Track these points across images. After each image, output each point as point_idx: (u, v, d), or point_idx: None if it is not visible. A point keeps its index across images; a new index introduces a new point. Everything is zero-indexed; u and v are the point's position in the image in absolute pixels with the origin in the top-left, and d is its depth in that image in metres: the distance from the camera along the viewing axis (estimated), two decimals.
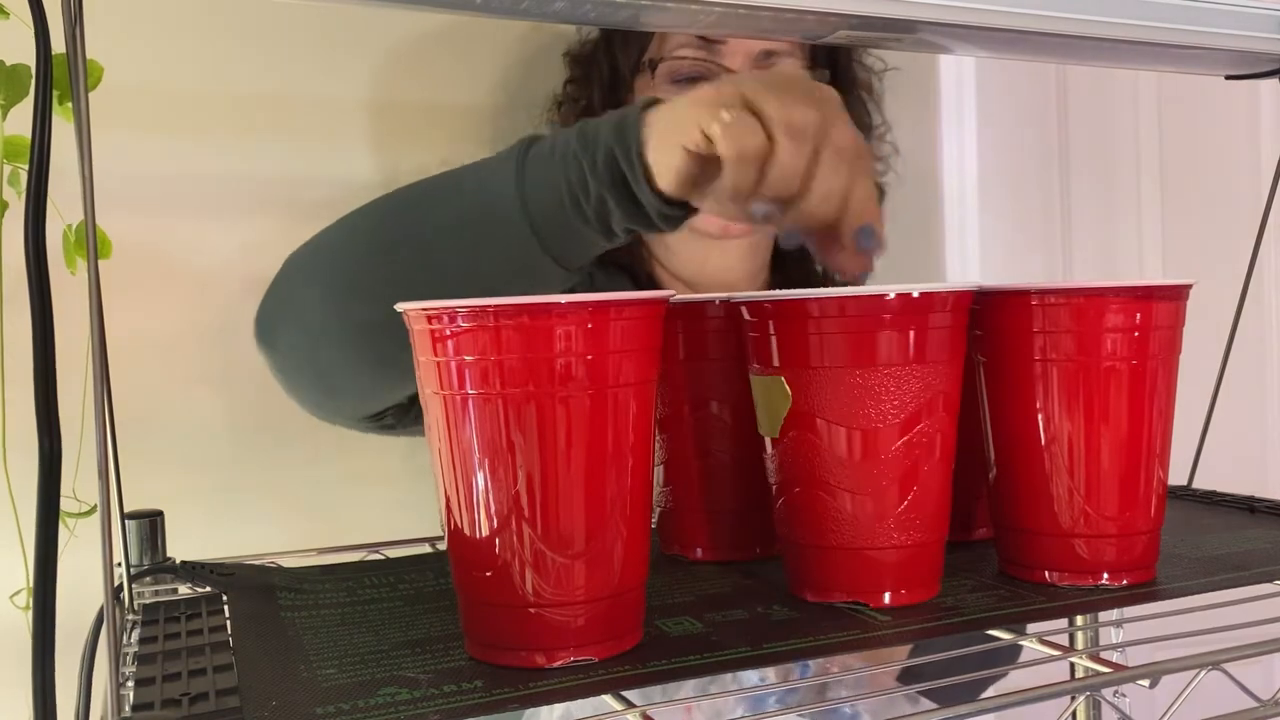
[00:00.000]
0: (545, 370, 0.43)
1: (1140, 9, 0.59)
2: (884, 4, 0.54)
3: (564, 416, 0.44)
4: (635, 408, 0.46)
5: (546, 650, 0.45)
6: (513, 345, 0.43)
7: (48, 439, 0.41)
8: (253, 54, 1.03)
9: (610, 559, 0.46)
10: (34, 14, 0.43)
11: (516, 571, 0.45)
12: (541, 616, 0.45)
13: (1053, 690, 0.45)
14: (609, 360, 0.44)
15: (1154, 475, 0.55)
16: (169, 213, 0.99)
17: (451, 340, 0.44)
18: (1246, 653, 0.46)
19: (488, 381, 0.44)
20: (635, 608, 0.48)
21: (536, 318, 0.43)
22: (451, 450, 0.45)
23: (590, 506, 0.45)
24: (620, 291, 0.47)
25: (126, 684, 0.45)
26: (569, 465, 0.44)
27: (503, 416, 0.44)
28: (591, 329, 0.44)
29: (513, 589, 0.45)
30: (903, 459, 0.51)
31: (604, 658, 0.46)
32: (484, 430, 0.44)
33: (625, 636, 0.47)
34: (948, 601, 0.53)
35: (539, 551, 0.44)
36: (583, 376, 0.44)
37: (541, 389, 0.43)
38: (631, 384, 0.45)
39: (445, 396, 0.45)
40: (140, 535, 0.60)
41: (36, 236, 0.42)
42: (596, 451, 0.45)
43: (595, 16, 0.53)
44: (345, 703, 0.42)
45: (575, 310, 0.43)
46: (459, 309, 0.44)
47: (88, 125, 0.43)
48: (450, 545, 0.47)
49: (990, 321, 0.55)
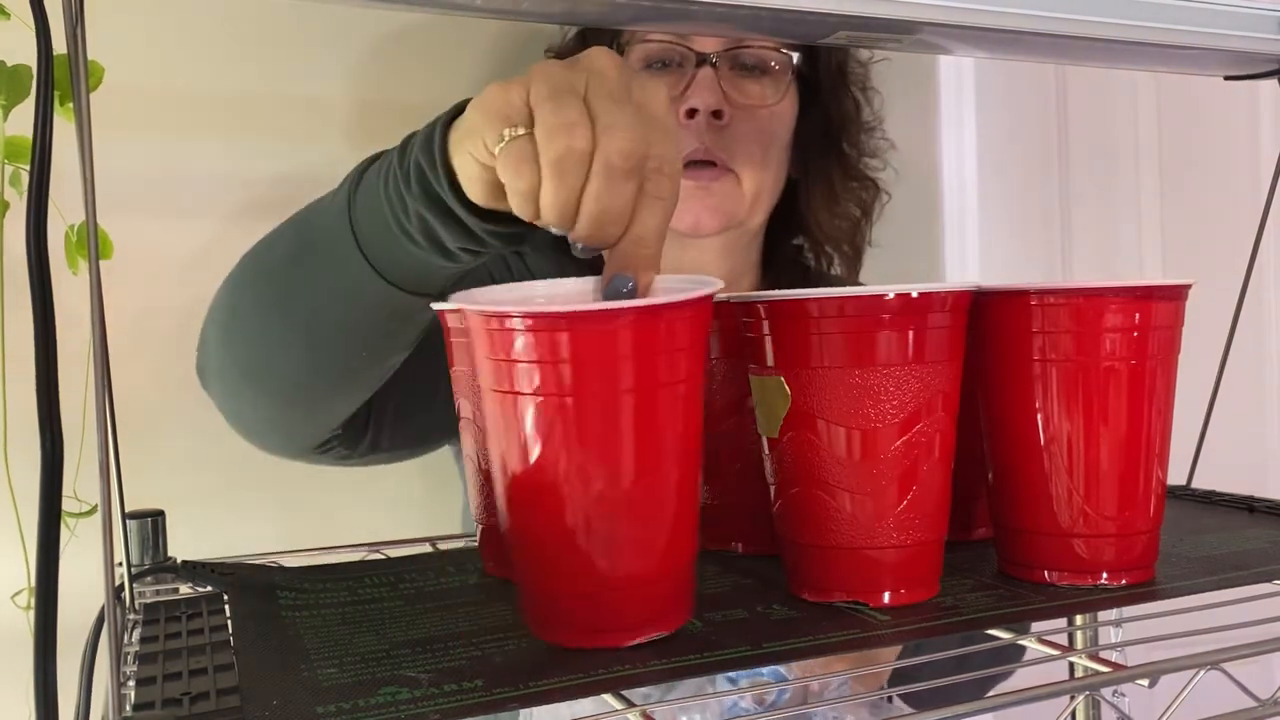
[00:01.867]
0: (603, 369, 0.44)
1: (1139, 9, 0.59)
2: (884, 4, 0.54)
3: (618, 413, 0.45)
4: (686, 402, 0.47)
5: (627, 630, 0.47)
6: (572, 346, 0.44)
7: (49, 439, 0.41)
8: (258, 54, 1.03)
9: (683, 540, 0.48)
10: (35, 15, 0.43)
11: (591, 558, 0.46)
12: (615, 598, 0.46)
13: (1052, 690, 0.45)
14: (660, 360, 0.45)
15: (1153, 475, 0.55)
16: (170, 213, 0.99)
17: (511, 339, 0.45)
18: (1245, 652, 0.47)
19: (546, 381, 0.45)
20: (690, 586, 0.50)
21: (594, 320, 0.44)
22: (508, 447, 0.46)
23: (648, 496, 0.46)
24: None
25: (127, 683, 0.45)
26: (626, 458, 0.45)
27: (573, 416, 0.45)
28: (647, 330, 0.45)
29: (589, 575, 0.46)
30: (902, 459, 0.51)
31: (673, 630, 0.48)
32: (542, 428, 0.45)
33: (684, 612, 0.49)
34: (947, 601, 0.53)
35: (609, 537, 0.46)
36: (639, 374, 0.45)
37: (602, 387, 0.44)
38: (682, 380, 0.46)
39: (502, 395, 0.46)
40: (141, 535, 0.60)
41: (38, 237, 0.42)
42: (651, 444, 0.46)
43: (596, 17, 0.54)
44: (346, 702, 0.42)
45: (629, 313, 0.44)
46: (514, 310, 0.44)
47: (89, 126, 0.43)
48: (519, 536, 0.48)
49: (989, 322, 0.55)
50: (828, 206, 0.99)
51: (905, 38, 0.58)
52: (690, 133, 0.88)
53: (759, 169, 0.92)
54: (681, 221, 0.90)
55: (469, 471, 0.61)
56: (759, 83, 0.92)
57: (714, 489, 0.63)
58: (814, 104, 0.98)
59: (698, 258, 0.96)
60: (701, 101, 0.88)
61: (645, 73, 0.89)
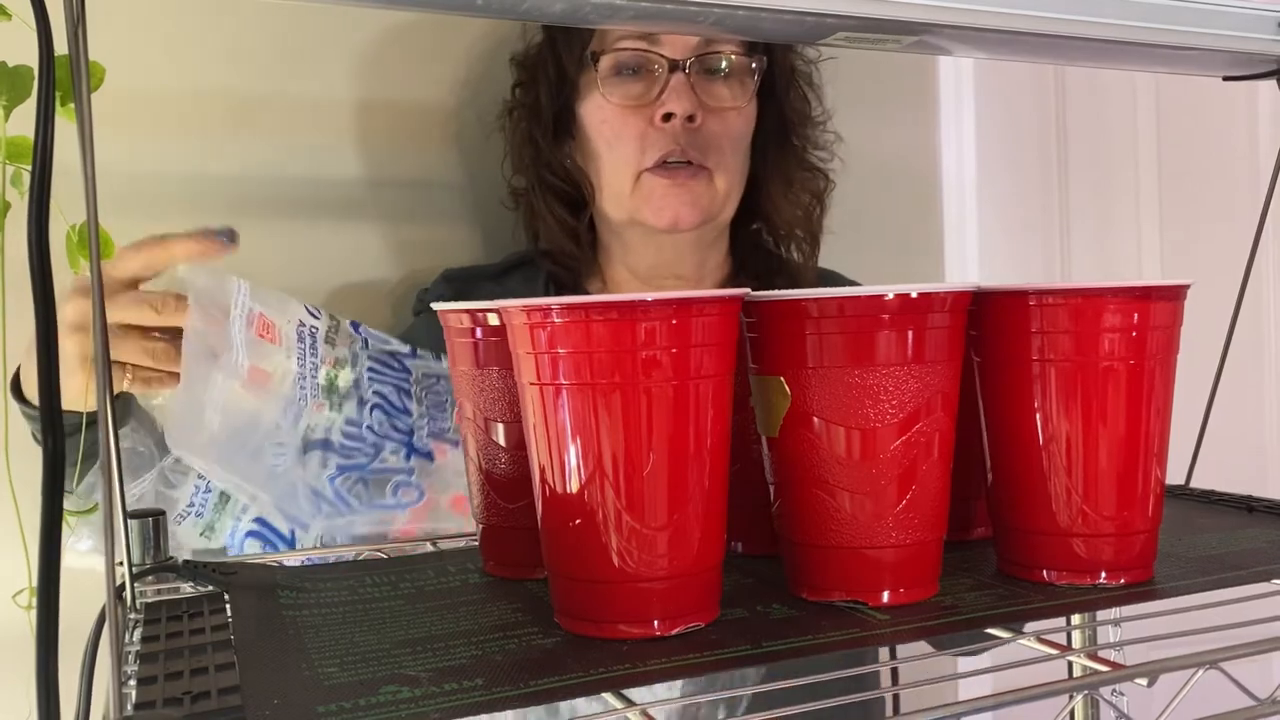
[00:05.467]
0: (632, 362, 0.46)
1: (1138, 10, 0.59)
2: (884, 5, 0.54)
3: (647, 405, 0.47)
4: (714, 397, 0.48)
5: (667, 619, 0.48)
6: (603, 339, 0.46)
7: (50, 439, 0.42)
8: (258, 55, 1.03)
9: (716, 530, 0.50)
10: (36, 15, 0.43)
11: (629, 547, 0.48)
12: (650, 588, 0.48)
13: (1051, 689, 0.45)
14: (690, 354, 0.47)
15: (1152, 474, 0.55)
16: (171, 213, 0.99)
17: (550, 331, 0.47)
18: (1244, 651, 0.47)
19: (579, 373, 0.47)
20: (719, 580, 0.51)
21: (625, 313, 0.46)
22: (549, 437, 0.48)
23: (688, 487, 0.48)
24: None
25: (129, 683, 0.45)
26: (657, 450, 0.47)
27: (592, 405, 0.47)
28: (675, 325, 0.46)
29: (625, 564, 0.48)
30: (901, 458, 0.51)
31: (709, 622, 0.50)
32: (577, 417, 0.47)
33: (713, 607, 0.51)
34: (946, 600, 0.53)
35: (638, 531, 0.47)
36: (667, 368, 0.47)
37: (627, 380, 0.46)
38: (710, 376, 0.48)
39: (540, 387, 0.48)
40: (142, 534, 0.60)
41: (40, 237, 0.42)
42: (680, 438, 0.47)
43: (595, 17, 0.54)
44: (346, 701, 0.42)
45: (660, 307, 0.46)
46: (553, 305, 0.47)
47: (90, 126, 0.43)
48: (557, 529, 0.49)
49: (988, 322, 0.55)
50: (785, 196, 1.05)
51: (905, 38, 0.58)
52: (666, 135, 0.95)
53: (730, 166, 0.98)
54: (661, 219, 0.96)
55: (469, 472, 0.61)
56: (727, 85, 0.98)
57: None
58: (771, 102, 1.04)
59: (674, 253, 1.02)
60: (679, 107, 0.94)
61: None
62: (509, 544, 0.60)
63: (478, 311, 0.58)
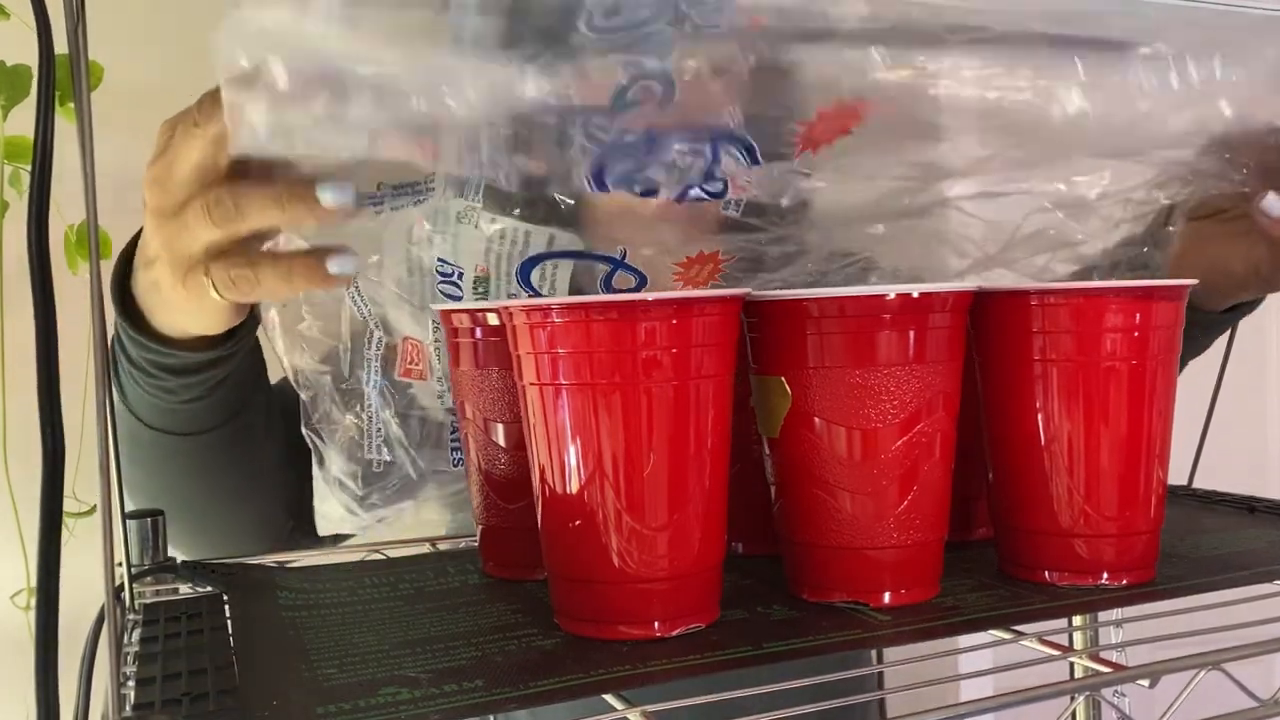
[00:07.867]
0: (632, 362, 0.46)
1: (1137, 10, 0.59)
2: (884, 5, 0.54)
3: (648, 406, 0.47)
4: (715, 398, 0.48)
5: (666, 620, 0.48)
6: (603, 339, 0.46)
7: (50, 439, 0.41)
8: None
9: (717, 530, 0.50)
10: (36, 15, 0.43)
11: (631, 548, 0.47)
12: (651, 588, 0.48)
13: (1052, 690, 0.45)
14: (691, 354, 0.47)
15: (1154, 475, 0.55)
16: None
17: (551, 331, 0.47)
18: (1246, 652, 0.47)
19: (579, 373, 0.47)
20: (719, 581, 0.51)
21: (625, 313, 0.46)
22: (549, 437, 0.48)
23: (686, 486, 0.48)
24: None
25: (127, 684, 0.45)
26: (657, 450, 0.47)
27: (592, 405, 0.47)
28: (675, 325, 0.46)
29: (625, 565, 0.47)
30: (902, 459, 0.51)
31: (709, 623, 0.50)
32: (577, 417, 0.47)
33: (714, 608, 0.51)
34: (947, 601, 0.53)
35: (638, 532, 0.47)
36: (667, 368, 0.47)
37: (627, 380, 0.46)
38: (711, 376, 0.48)
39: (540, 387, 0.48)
40: (141, 535, 0.60)
41: (39, 237, 0.42)
42: (680, 439, 0.47)
43: None
44: (346, 702, 0.42)
45: (660, 307, 0.46)
46: (553, 305, 0.47)
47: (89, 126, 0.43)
48: (557, 530, 0.49)
49: (990, 321, 0.55)
50: None
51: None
52: None
53: None
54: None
55: (469, 472, 0.61)
56: None
57: None
58: None
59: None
60: None
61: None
62: (509, 545, 0.60)
63: (478, 311, 0.58)
